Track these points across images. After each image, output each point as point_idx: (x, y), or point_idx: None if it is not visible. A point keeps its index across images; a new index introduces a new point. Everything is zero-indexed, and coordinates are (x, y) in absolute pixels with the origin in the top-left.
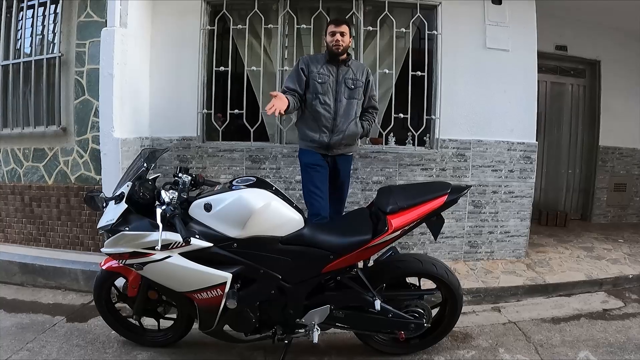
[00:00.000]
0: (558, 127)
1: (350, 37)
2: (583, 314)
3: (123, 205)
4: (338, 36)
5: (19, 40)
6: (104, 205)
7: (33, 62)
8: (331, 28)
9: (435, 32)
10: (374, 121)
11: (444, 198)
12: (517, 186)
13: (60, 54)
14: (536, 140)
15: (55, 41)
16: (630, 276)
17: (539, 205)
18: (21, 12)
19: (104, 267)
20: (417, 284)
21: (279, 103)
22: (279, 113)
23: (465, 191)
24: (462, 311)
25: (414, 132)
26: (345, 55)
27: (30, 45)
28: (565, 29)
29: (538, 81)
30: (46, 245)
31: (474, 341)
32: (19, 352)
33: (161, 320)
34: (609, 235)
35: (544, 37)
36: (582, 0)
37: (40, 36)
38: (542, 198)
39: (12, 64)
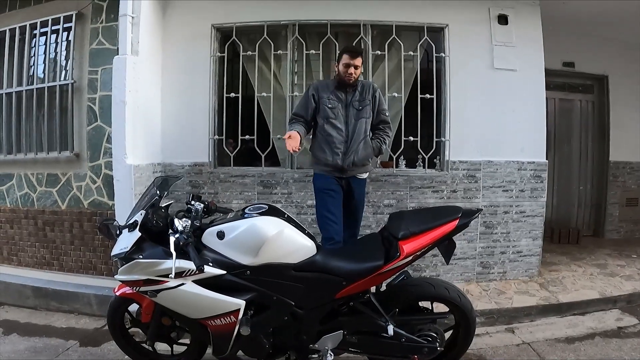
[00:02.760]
0: (568, 144)
1: (361, 67)
2: (597, 333)
3: (137, 234)
4: (352, 69)
5: (32, 67)
6: (118, 233)
7: (46, 88)
8: (346, 59)
9: (443, 54)
10: (388, 136)
11: (455, 222)
12: (529, 206)
13: (72, 81)
14: (546, 158)
15: (68, 68)
16: None
17: (551, 223)
18: (34, 39)
19: (117, 294)
20: (430, 308)
21: (294, 142)
22: (296, 149)
23: (476, 215)
24: (475, 333)
25: (424, 155)
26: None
27: (43, 72)
28: (571, 45)
29: (546, 98)
30: (59, 270)
31: None
32: None
33: (175, 345)
34: (622, 251)
35: (551, 54)
36: (587, 5)
37: (53, 63)
38: (553, 215)
39: (26, 90)
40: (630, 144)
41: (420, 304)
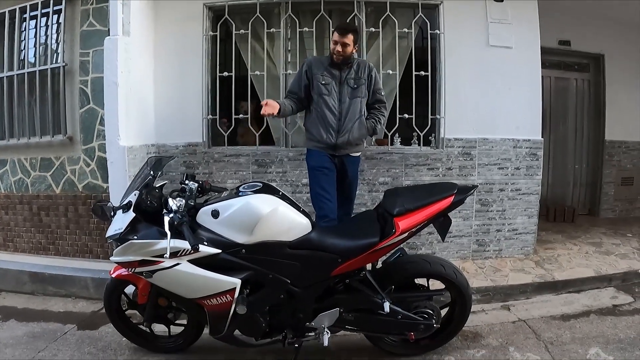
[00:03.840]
0: (563, 123)
1: (354, 45)
2: (593, 310)
3: (131, 214)
4: (339, 47)
5: (23, 51)
6: (112, 214)
7: (37, 72)
8: (335, 36)
9: (438, 32)
10: (383, 116)
11: (451, 199)
12: (524, 183)
13: (64, 64)
14: (542, 137)
15: (59, 51)
16: (639, 271)
17: (547, 201)
18: (24, 23)
19: (113, 276)
20: (426, 285)
21: (269, 108)
22: (270, 114)
23: (472, 191)
24: (471, 310)
25: (419, 132)
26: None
27: (34, 56)
28: (568, 23)
29: (542, 77)
30: (55, 254)
31: (484, 340)
32: None
33: (171, 326)
34: (617, 230)
35: (546, 33)
36: None
37: (44, 46)
38: (549, 194)
39: (17, 74)
40: (625, 124)
41: (416, 281)
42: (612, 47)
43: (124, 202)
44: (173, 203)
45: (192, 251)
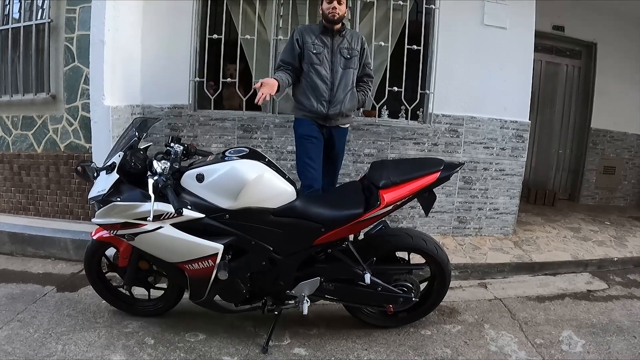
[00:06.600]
0: (551, 107)
1: (346, 7)
2: (567, 294)
3: (114, 176)
4: (335, 4)
5: (7, 6)
6: (95, 175)
7: (22, 28)
8: None
9: (433, 7)
10: (370, 90)
11: (437, 174)
12: (508, 164)
13: (49, 20)
14: (529, 119)
15: (45, 6)
16: (615, 259)
17: (528, 184)
18: None
19: (94, 237)
20: (407, 259)
21: (267, 89)
22: (269, 96)
23: (458, 168)
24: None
25: (408, 106)
26: (340, 25)
27: (19, 11)
28: (563, 9)
29: (533, 60)
30: (35, 214)
31: (460, 316)
32: (10, 323)
33: (152, 290)
34: (596, 217)
35: (541, 16)
36: None
37: (29, 1)
38: (531, 176)
39: (1, 30)
40: (612, 113)
41: (397, 254)
42: (605, 37)
43: (108, 163)
44: (158, 165)
45: (176, 215)
